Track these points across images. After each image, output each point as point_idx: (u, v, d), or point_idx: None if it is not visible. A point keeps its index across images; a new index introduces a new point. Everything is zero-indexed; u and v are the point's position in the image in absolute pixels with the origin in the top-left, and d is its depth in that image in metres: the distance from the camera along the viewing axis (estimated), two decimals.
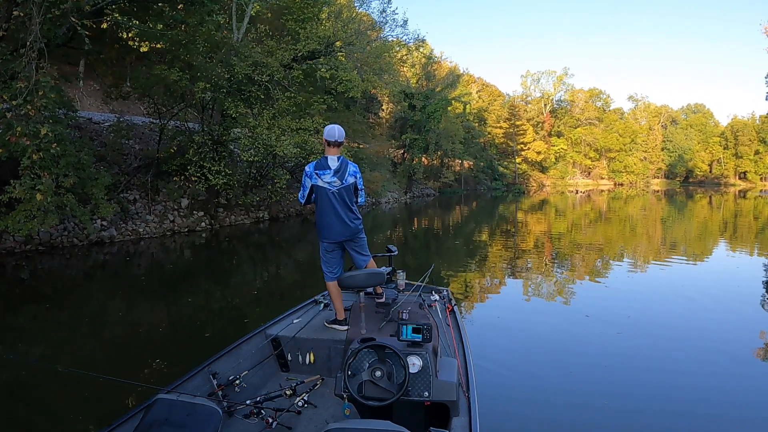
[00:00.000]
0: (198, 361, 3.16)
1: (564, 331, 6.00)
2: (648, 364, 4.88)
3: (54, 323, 6.55)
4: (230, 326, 6.32)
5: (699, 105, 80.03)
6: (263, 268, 10.89)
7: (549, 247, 13.51)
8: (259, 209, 17.18)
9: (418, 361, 2.48)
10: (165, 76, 11.08)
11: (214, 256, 12.02)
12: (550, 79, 65.96)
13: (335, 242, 3.77)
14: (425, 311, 3.37)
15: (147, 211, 13.85)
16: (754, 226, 19.73)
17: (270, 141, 12.55)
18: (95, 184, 9.96)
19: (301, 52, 13.84)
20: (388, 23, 16.52)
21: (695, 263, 11.13)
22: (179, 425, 2.17)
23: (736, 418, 3.91)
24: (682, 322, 6.41)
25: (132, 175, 14.50)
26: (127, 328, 6.27)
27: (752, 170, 70.84)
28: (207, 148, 13.27)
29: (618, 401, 4.09)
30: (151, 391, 2.65)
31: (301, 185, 3.72)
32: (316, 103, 14.81)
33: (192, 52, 11.32)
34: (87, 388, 4.10)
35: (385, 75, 16.54)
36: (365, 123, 24.50)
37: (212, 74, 11.84)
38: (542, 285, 8.91)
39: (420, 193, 37.71)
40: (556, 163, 64.05)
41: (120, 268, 10.00)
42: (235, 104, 12.55)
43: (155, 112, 13.36)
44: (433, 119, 35.13)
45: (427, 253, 13.03)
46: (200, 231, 14.45)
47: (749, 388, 4.44)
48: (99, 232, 12.15)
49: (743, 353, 5.34)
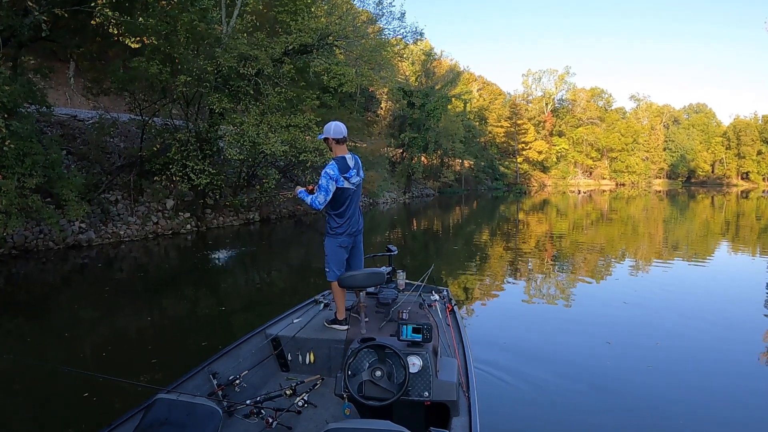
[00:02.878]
0: (196, 363, 3.11)
1: (564, 331, 5.98)
2: (648, 365, 4.84)
3: (33, 329, 6.31)
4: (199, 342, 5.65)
5: (701, 105, 79.55)
6: (242, 273, 10.20)
7: (550, 248, 13.35)
8: (249, 210, 16.48)
9: (418, 361, 2.46)
10: (144, 69, 10.33)
11: (193, 260, 11.27)
12: (552, 78, 65.53)
13: (355, 235, 3.82)
14: (425, 311, 3.46)
15: (129, 212, 13.14)
16: (756, 227, 19.60)
17: (257, 138, 11.83)
18: (66, 185, 9.23)
19: (292, 45, 13.11)
20: (384, 15, 15.85)
21: (696, 264, 11.01)
22: (179, 425, 2.14)
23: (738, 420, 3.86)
24: (685, 322, 6.35)
25: (115, 175, 13.81)
26: (104, 340, 5.91)
27: (755, 170, 70.49)
28: (191, 146, 12.54)
29: (618, 401, 4.08)
30: (151, 391, 2.62)
31: (322, 189, 3.53)
32: (308, 99, 14.11)
33: (173, 43, 10.57)
34: (87, 388, 4.11)
35: (381, 71, 15.86)
36: (361, 120, 23.80)
37: (194, 67, 11.09)
38: (543, 285, 8.86)
39: (419, 193, 37.00)
40: (558, 163, 63.57)
41: (92, 275, 9.37)
42: (219, 99, 11.80)
43: (136, 107, 12.62)
44: (432, 117, 34.42)
45: (426, 254, 12.69)
46: (185, 233, 13.73)
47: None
48: (76, 234, 11.53)
49: (750, 357, 5.25)
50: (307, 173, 16.03)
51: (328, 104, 19.91)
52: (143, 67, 10.29)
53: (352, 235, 3.80)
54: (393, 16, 23.77)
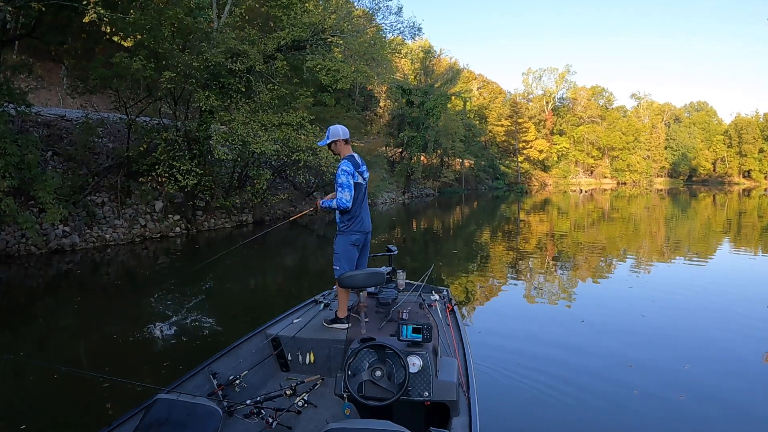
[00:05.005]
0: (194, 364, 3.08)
1: (565, 331, 5.96)
2: (648, 365, 4.83)
3: (23, 335, 6.15)
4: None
5: (702, 103, 78.98)
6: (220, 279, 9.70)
7: (551, 248, 13.22)
8: (242, 212, 15.98)
9: (418, 361, 2.46)
10: (126, 65, 9.83)
11: (177, 266, 10.70)
12: (552, 76, 64.98)
13: (366, 233, 3.86)
14: (425, 311, 3.48)
15: (116, 215, 12.65)
16: (758, 225, 19.48)
17: (246, 137, 11.33)
18: (43, 187, 8.75)
19: (284, 40, 12.61)
20: (380, 10, 15.38)
21: (698, 263, 10.93)
22: (179, 425, 2.14)
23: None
24: (688, 322, 6.29)
25: (102, 176, 13.32)
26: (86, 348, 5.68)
27: (756, 169, 70.18)
28: (177, 146, 12.04)
29: (618, 401, 4.06)
30: (151, 391, 2.59)
31: (345, 187, 3.58)
32: (302, 97, 13.62)
33: (158, 38, 10.08)
34: (87, 388, 4.10)
35: (378, 68, 15.39)
36: (357, 118, 23.32)
37: (179, 62, 10.59)
38: (543, 285, 8.80)
39: (419, 193, 36.47)
40: (559, 162, 63.13)
41: (74, 281, 8.91)
42: (206, 96, 11.29)
43: (122, 106, 12.11)
44: (431, 116, 33.88)
45: (425, 255, 12.33)
46: (174, 236, 13.22)
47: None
48: (60, 239, 11.07)
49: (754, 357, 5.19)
50: (300, 173, 15.53)
51: (324, 102, 19.40)
52: (125, 63, 9.79)
53: (364, 233, 3.85)
54: (390, 11, 23.37)
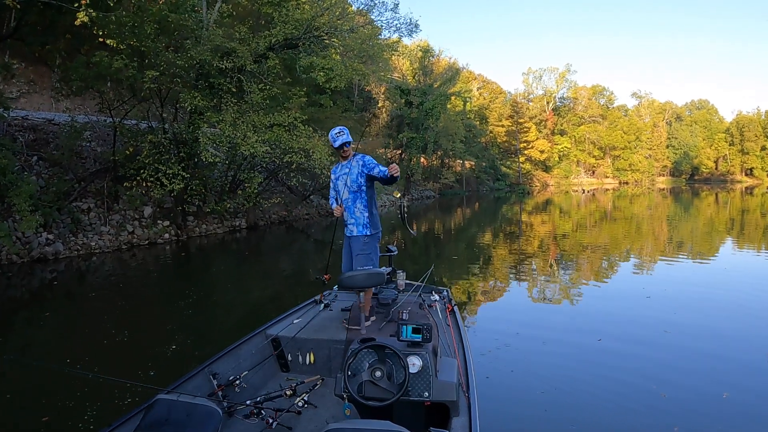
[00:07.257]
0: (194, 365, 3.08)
1: (565, 331, 5.91)
2: (648, 364, 4.80)
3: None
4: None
5: (703, 101, 78.47)
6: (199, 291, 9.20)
7: (553, 249, 13.03)
8: (235, 217, 15.49)
9: (418, 361, 2.44)
10: (107, 64, 9.35)
11: (164, 277, 10.18)
12: (553, 76, 64.62)
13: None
14: (425, 311, 3.49)
15: (102, 221, 12.16)
16: (761, 224, 19.24)
17: (235, 139, 10.84)
18: (17, 193, 8.27)
19: (276, 38, 12.12)
20: (376, 6, 14.92)
21: (701, 263, 10.74)
22: (179, 425, 2.12)
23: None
24: (689, 323, 6.15)
25: (88, 181, 12.85)
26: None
27: (759, 166, 69.82)
28: (164, 148, 11.55)
29: (618, 401, 4.04)
30: (151, 392, 2.58)
31: (383, 171, 3.80)
32: (294, 96, 13.14)
33: (140, 36, 9.60)
34: (87, 388, 4.10)
35: (374, 66, 14.92)
36: (354, 119, 22.86)
37: (162, 61, 10.10)
38: (544, 286, 8.74)
39: (419, 195, 35.96)
40: (560, 162, 62.66)
41: (55, 291, 8.41)
42: (192, 96, 10.80)
43: (107, 108, 11.63)
44: (431, 116, 33.37)
45: (426, 259, 11.89)
46: (163, 243, 12.70)
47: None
48: (42, 247, 10.60)
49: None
50: (293, 176, 15.03)
51: (319, 102, 18.92)
52: (106, 62, 9.30)
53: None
54: (386, 7, 22.87)
